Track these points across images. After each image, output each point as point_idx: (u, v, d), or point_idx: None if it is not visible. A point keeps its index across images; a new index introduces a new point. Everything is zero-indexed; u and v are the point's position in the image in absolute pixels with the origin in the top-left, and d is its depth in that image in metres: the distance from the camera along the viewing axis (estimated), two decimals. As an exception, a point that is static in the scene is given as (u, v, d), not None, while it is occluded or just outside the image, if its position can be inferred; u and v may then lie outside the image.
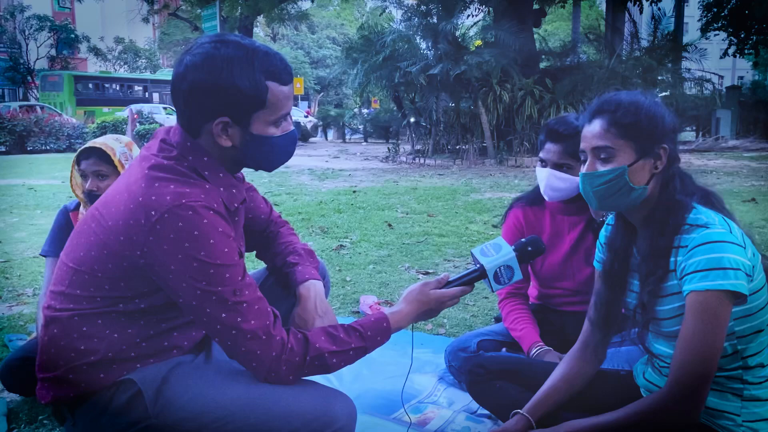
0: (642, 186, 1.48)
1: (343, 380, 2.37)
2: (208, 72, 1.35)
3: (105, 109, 23.92)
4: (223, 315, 1.35)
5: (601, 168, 1.48)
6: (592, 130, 1.50)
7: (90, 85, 27.73)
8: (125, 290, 1.40)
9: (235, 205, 1.49)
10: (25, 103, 25.00)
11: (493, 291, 1.64)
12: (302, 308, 1.66)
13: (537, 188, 2.30)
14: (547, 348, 2.12)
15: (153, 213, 1.32)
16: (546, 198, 2.19)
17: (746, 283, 1.37)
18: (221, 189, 1.45)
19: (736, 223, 1.48)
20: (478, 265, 1.61)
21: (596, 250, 1.75)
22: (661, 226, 1.48)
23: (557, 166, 2.12)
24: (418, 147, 14.50)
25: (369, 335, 1.51)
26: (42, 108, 22.34)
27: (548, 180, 2.14)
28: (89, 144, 2.27)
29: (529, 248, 1.64)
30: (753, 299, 1.44)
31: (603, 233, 1.72)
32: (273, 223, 1.87)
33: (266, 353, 1.39)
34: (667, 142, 1.48)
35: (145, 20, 28.71)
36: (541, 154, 2.18)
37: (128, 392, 1.42)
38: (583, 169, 1.52)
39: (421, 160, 13.09)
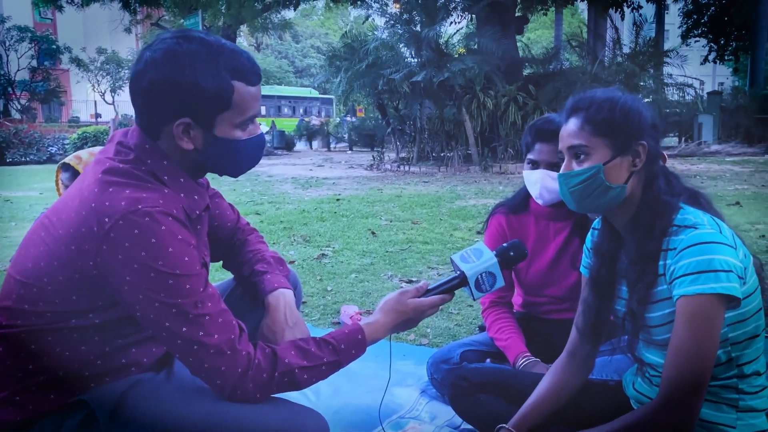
0: (620, 185, 1.41)
1: (320, 395, 2.27)
2: (169, 69, 1.27)
3: None
4: (184, 329, 1.26)
5: (577, 167, 1.42)
6: (568, 129, 1.45)
7: None
8: (77, 304, 1.29)
9: (197, 212, 1.40)
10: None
11: (474, 299, 1.57)
12: (271, 319, 1.56)
13: (520, 194, 2.23)
14: (535, 359, 2.04)
15: (106, 220, 1.22)
16: (540, 202, 2.10)
17: (739, 285, 1.30)
18: (182, 195, 1.36)
19: (726, 223, 1.42)
20: (458, 272, 1.54)
21: (583, 255, 1.68)
22: (647, 229, 1.42)
23: (551, 166, 2.03)
24: (402, 155, 14.45)
25: (342, 348, 1.42)
26: None
27: (543, 181, 2.04)
28: (65, 160, 2.53)
29: (511, 253, 1.59)
30: (746, 303, 1.37)
31: (589, 237, 1.65)
32: (240, 230, 1.77)
33: (231, 369, 1.29)
34: (645, 138, 1.41)
35: (128, 30, 28.41)
36: (530, 156, 2.09)
37: (80, 414, 1.31)
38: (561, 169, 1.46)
39: (406, 168, 13.04)
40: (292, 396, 1.44)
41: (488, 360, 2.18)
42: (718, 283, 1.28)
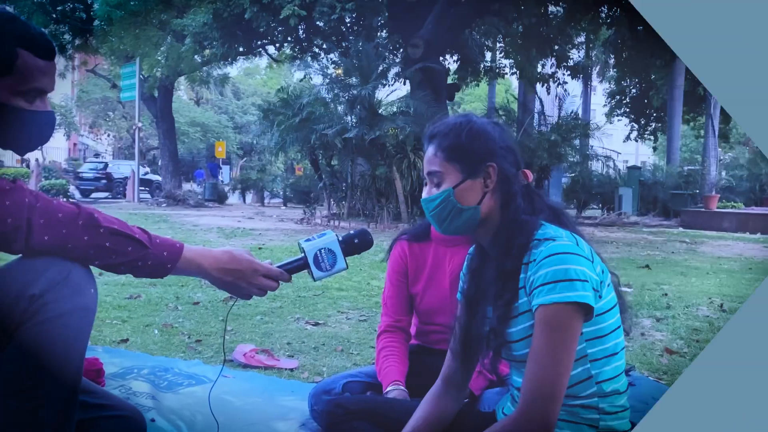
0: (472, 206, 1.45)
1: (195, 428, 2.12)
2: None
3: None
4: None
5: (435, 192, 1.48)
6: (426, 156, 1.52)
7: None
8: None
9: None
10: None
11: (315, 279, 1.59)
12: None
13: (424, 222, 2.23)
14: (403, 390, 1.98)
15: None
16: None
17: (593, 296, 1.32)
18: None
19: (586, 240, 1.44)
20: (302, 255, 1.58)
21: (460, 279, 1.67)
22: (506, 247, 1.44)
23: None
24: (334, 210, 14.44)
25: (158, 243, 1.43)
26: None
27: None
28: None
29: (356, 240, 1.64)
30: (604, 319, 1.38)
31: (466, 263, 1.65)
32: None
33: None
34: (496, 160, 1.46)
35: (62, 75, 27.86)
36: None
37: None
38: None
39: (336, 223, 12.98)
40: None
41: (369, 393, 2.10)
42: (574, 291, 1.30)
